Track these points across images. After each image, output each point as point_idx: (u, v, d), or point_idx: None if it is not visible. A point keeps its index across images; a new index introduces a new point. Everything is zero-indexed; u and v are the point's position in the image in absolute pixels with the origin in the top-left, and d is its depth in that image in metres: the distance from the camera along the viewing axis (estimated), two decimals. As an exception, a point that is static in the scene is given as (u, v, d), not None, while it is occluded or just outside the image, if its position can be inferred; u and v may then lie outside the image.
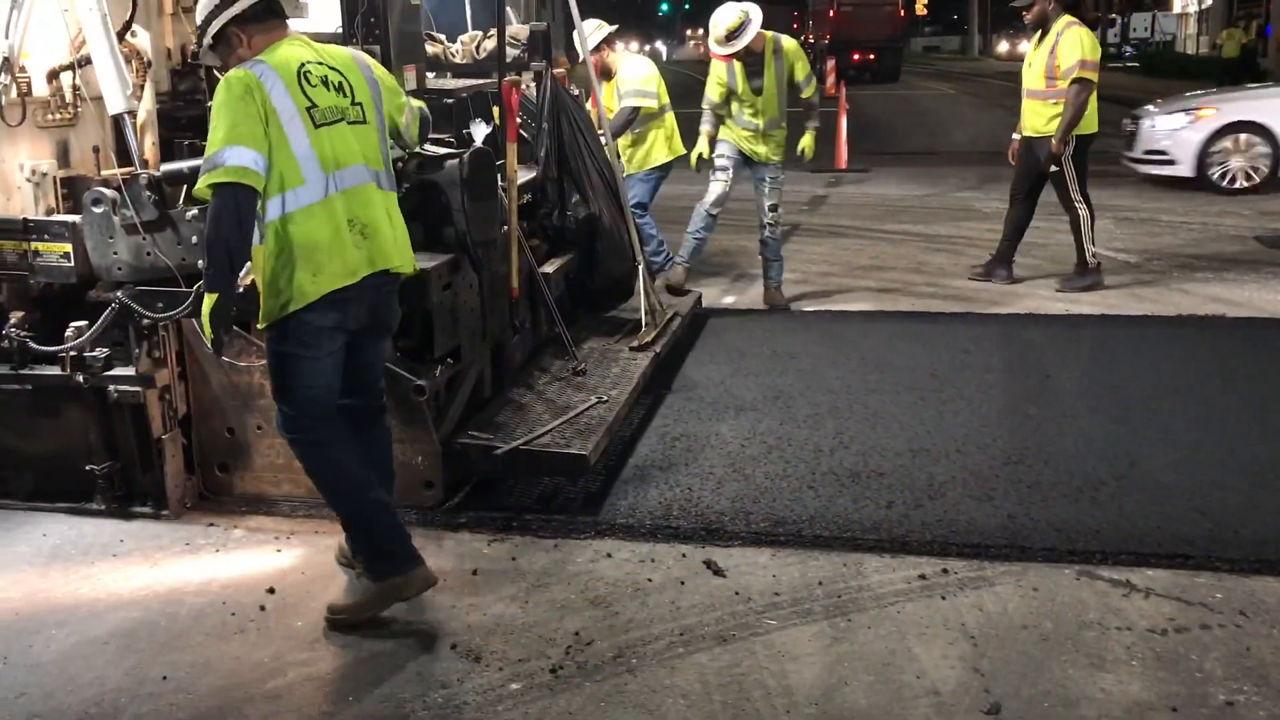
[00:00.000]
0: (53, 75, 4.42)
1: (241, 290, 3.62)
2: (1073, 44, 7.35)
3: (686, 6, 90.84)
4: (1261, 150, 11.53)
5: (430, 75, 5.92)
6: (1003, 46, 57.11)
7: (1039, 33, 7.62)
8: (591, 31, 7.40)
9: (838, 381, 5.79)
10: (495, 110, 5.71)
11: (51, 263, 4.23)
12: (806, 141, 7.40)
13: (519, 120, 5.79)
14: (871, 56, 35.95)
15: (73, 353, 4.22)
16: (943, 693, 3.15)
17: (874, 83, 33.67)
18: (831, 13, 37.06)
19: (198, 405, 4.44)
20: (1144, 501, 4.31)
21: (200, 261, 3.75)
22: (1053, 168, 7.57)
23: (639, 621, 3.54)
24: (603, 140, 6.11)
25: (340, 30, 4.85)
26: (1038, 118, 7.63)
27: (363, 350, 3.65)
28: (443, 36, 6.28)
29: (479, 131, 5.12)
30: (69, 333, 4.23)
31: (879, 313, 7.30)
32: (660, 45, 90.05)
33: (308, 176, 3.36)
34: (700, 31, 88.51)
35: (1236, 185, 11.55)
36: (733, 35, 6.96)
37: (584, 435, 4.54)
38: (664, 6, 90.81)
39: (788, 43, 7.22)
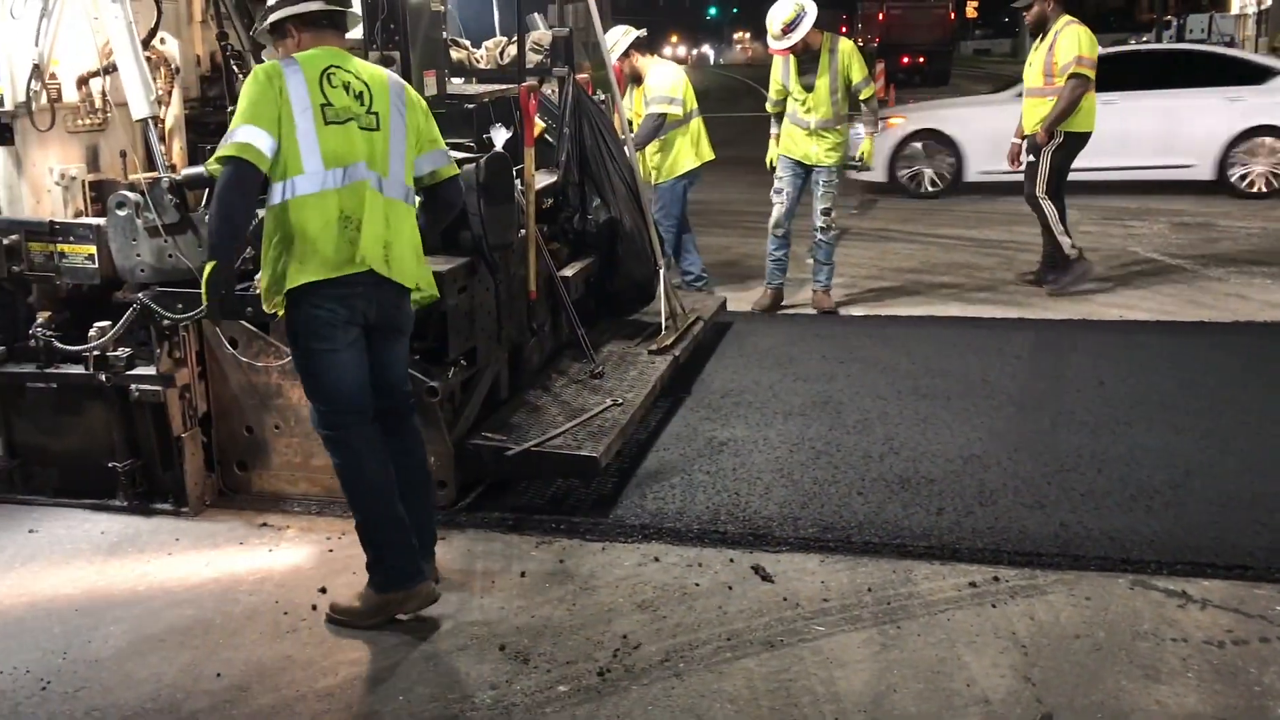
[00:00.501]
0: (82, 82, 4.53)
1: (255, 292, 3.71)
2: (1070, 41, 7.39)
3: (734, 11, 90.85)
4: (947, 159, 12.22)
5: (459, 81, 6.04)
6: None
7: (1041, 34, 7.66)
8: (619, 38, 7.45)
9: (887, 387, 5.75)
10: (517, 115, 5.76)
11: (77, 264, 4.34)
12: (866, 146, 7.36)
13: (546, 125, 5.85)
14: (921, 60, 35.67)
15: (96, 352, 4.33)
16: (993, 701, 3.12)
17: (923, 86, 33.42)
18: (881, 16, 36.84)
19: (217, 404, 4.53)
20: (1201, 511, 4.24)
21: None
22: (1030, 158, 7.61)
23: (686, 626, 3.54)
24: (626, 143, 6.15)
25: (362, 37, 4.92)
26: (1036, 116, 7.63)
27: (378, 351, 3.69)
28: (468, 43, 6.38)
29: (499, 136, 5.17)
30: (92, 333, 4.34)
31: (929, 318, 7.24)
32: (708, 49, 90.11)
33: (308, 167, 3.45)
34: (747, 35, 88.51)
35: (923, 191, 12.26)
36: (788, 29, 6.97)
37: (596, 437, 4.57)
38: (711, 10, 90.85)
39: (844, 44, 7.21)
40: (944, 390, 5.68)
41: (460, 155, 4.59)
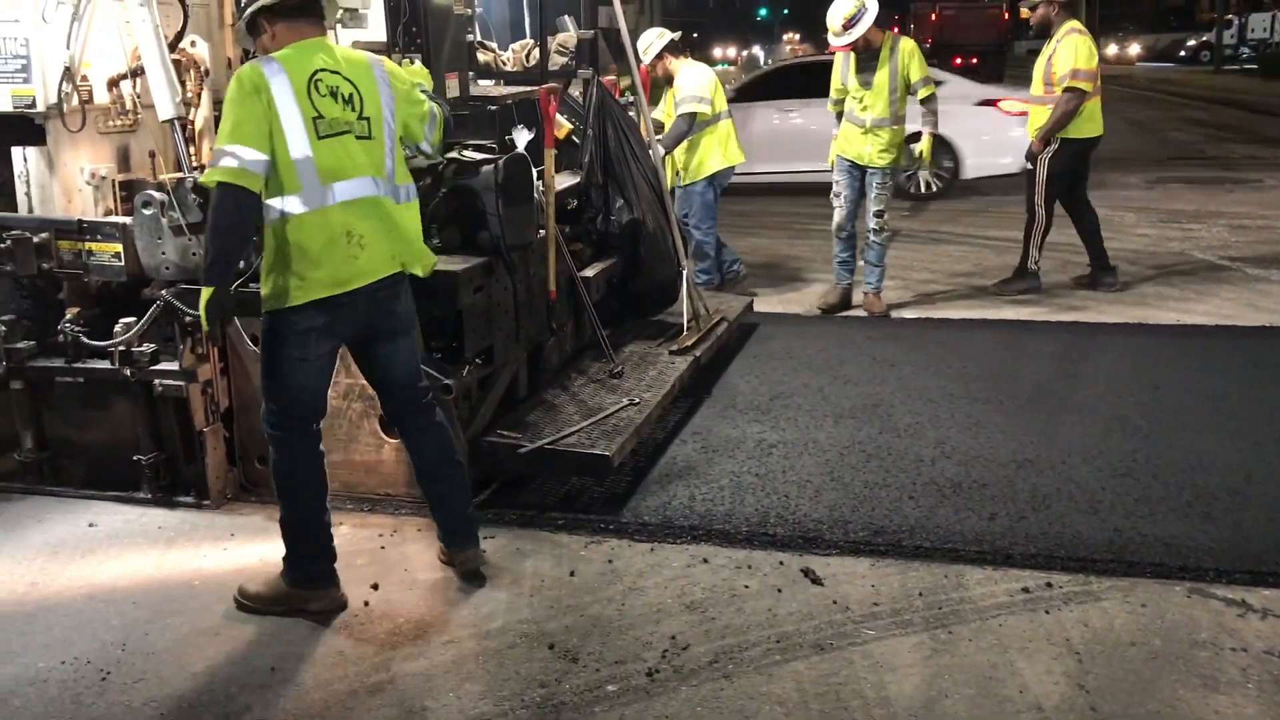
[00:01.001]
0: (113, 84, 4.62)
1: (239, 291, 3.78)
2: (1069, 52, 7.36)
3: (785, 11, 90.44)
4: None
5: (490, 83, 6.12)
6: (1110, 49, 55.62)
7: (1047, 38, 7.67)
8: (652, 40, 7.48)
9: (939, 390, 5.70)
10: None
11: (104, 262, 4.42)
12: (923, 146, 7.30)
13: (574, 126, 5.88)
14: (974, 60, 35.31)
15: (121, 348, 4.42)
16: (1046, 709, 3.08)
17: (976, 87, 33.08)
18: (934, 16, 36.51)
19: (239, 400, 4.60)
20: (1261, 518, 4.16)
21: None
22: (1028, 165, 7.64)
23: (735, 628, 3.54)
24: (650, 147, 6.18)
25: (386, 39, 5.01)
26: (1037, 123, 7.61)
27: (379, 353, 3.73)
28: (495, 45, 6.47)
29: (520, 138, 5.21)
30: (117, 328, 4.43)
31: (981, 321, 7.17)
32: (757, 50, 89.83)
33: (304, 184, 3.43)
34: (797, 36, 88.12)
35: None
36: (849, 24, 6.94)
37: (610, 436, 4.59)
38: (762, 11, 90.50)
39: (905, 43, 7.16)
40: (996, 394, 5.63)
41: (479, 156, 4.69)
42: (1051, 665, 3.28)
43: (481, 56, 6.20)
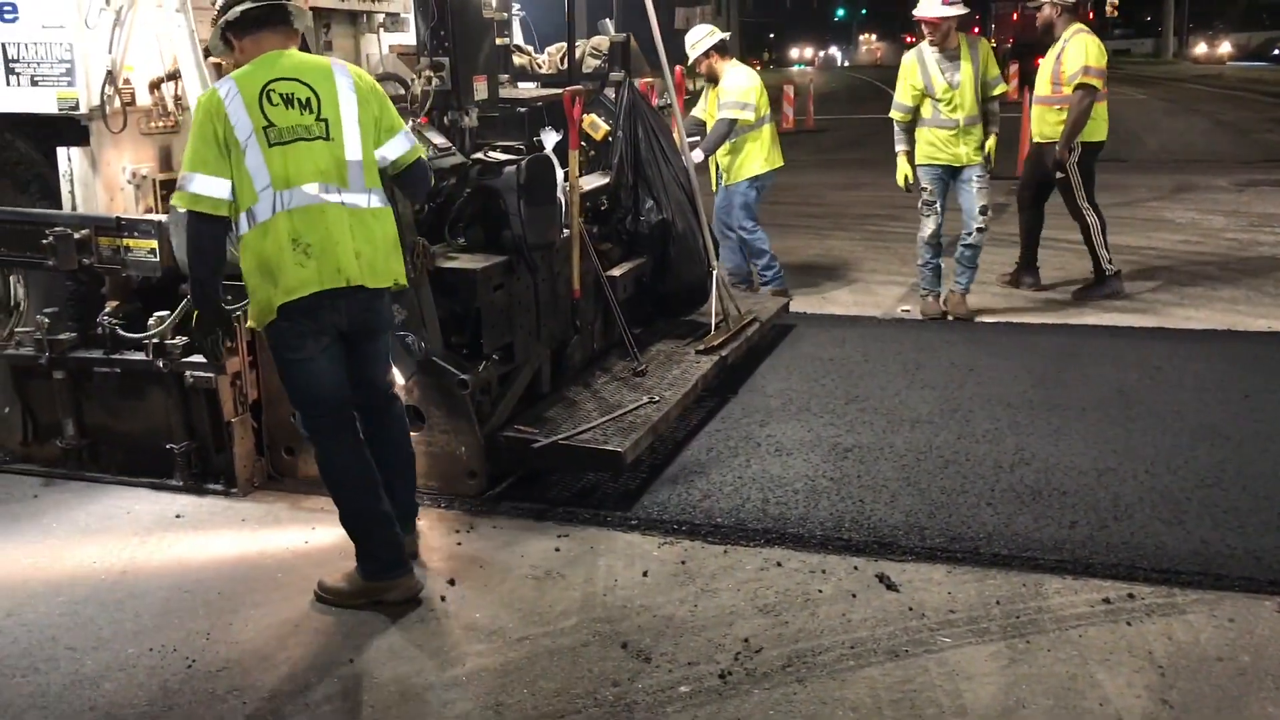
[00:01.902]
0: (154, 86, 4.77)
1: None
2: (1078, 51, 7.33)
3: (863, 12, 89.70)
4: None
5: (533, 85, 6.22)
6: (1200, 48, 54.26)
7: (1051, 41, 7.67)
8: (701, 37, 7.49)
9: (1018, 396, 5.62)
10: (588, 119, 6.00)
11: (140, 257, 4.58)
12: (990, 145, 7.20)
13: (611, 127, 5.97)
14: (1057, 60, 34.74)
15: (154, 340, 4.58)
16: (1128, 723, 3.02)
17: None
18: (1015, 16, 35.98)
19: (266, 391, 4.73)
20: (1355, 533, 4.04)
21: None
22: (1059, 174, 7.52)
23: (809, 632, 3.52)
24: (682, 148, 6.25)
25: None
26: (1044, 123, 7.57)
27: (361, 350, 3.82)
28: (530, 48, 6.64)
29: (548, 139, 5.29)
30: (151, 321, 4.60)
31: (1062, 325, 7.05)
32: (835, 50, 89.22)
33: (260, 195, 3.54)
34: (873, 36, 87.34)
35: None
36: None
37: (625, 433, 4.63)
38: (840, 12, 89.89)
39: (982, 42, 7.15)
40: (1078, 401, 5.52)
41: (503, 157, 4.82)
42: (1133, 678, 3.21)
43: (517, 59, 6.36)
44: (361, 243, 3.65)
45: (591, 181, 5.80)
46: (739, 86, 7.42)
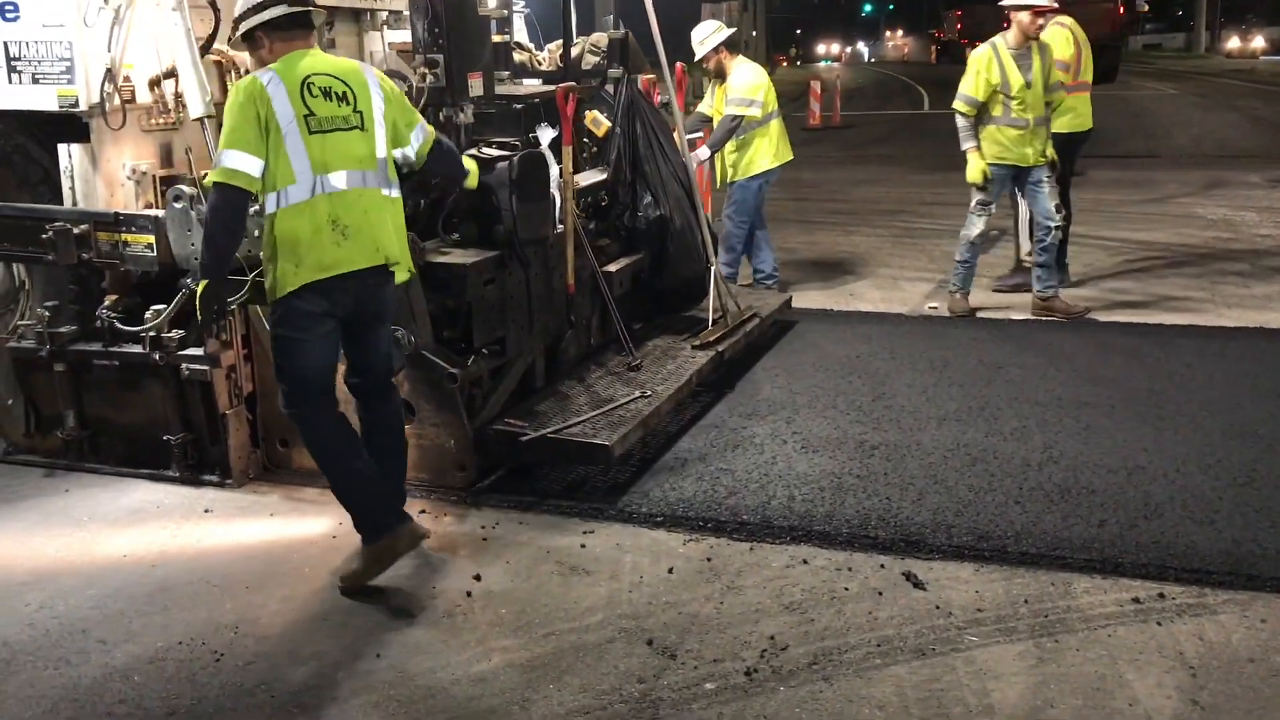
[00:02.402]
0: (154, 84, 4.82)
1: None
2: (1062, 45, 7.35)
3: (890, 7, 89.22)
4: None
5: (537, 82, 6.24)
6: (1232, 43, 53.63)
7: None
8: (710, 33, 7.47)
9: (1047, 394, 5.58)
10: (590, 115, 6.06)
11: (138, 252, 4.63)
12: (1049, 147, 7.12)
13: (612, 124, 6.03)
14: (1088, 56, 34.39)
15: (151, 333, 4.64)
16: (1158, 724, 3.00)
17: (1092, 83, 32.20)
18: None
19: (261, 384, 4.79)
20: (1390, 533, 3.99)
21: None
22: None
23: (835, 630, 3.51)
24: (681, 146, 6.26)
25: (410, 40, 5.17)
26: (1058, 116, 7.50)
27: (364, 336, 3.95)
28: (532, 45, 6.70)
29: (544, 135, 5.31)
30: (148, 315, 4.66)
31: (1091, 323, 6.99)
32: (861, 46, 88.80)
33: (299, 177, 3.70)
34: (899, 32, 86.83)
35: None
36: None
37: (614, 427, 4.67)
38: (867, 7, 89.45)
39: (1046, 36, 7.05)
40: (1107, 398, 5.48)
41: (496, 153, 4.89)
42: (1163, 679, 3.19)
43: (517, 56, 6.40)
44: (379, 225, 3.85)
45: (589, 177, 5.87)
46: (746, 83, 7.41)
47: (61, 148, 4.83)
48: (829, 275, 8.51)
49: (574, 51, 6.45)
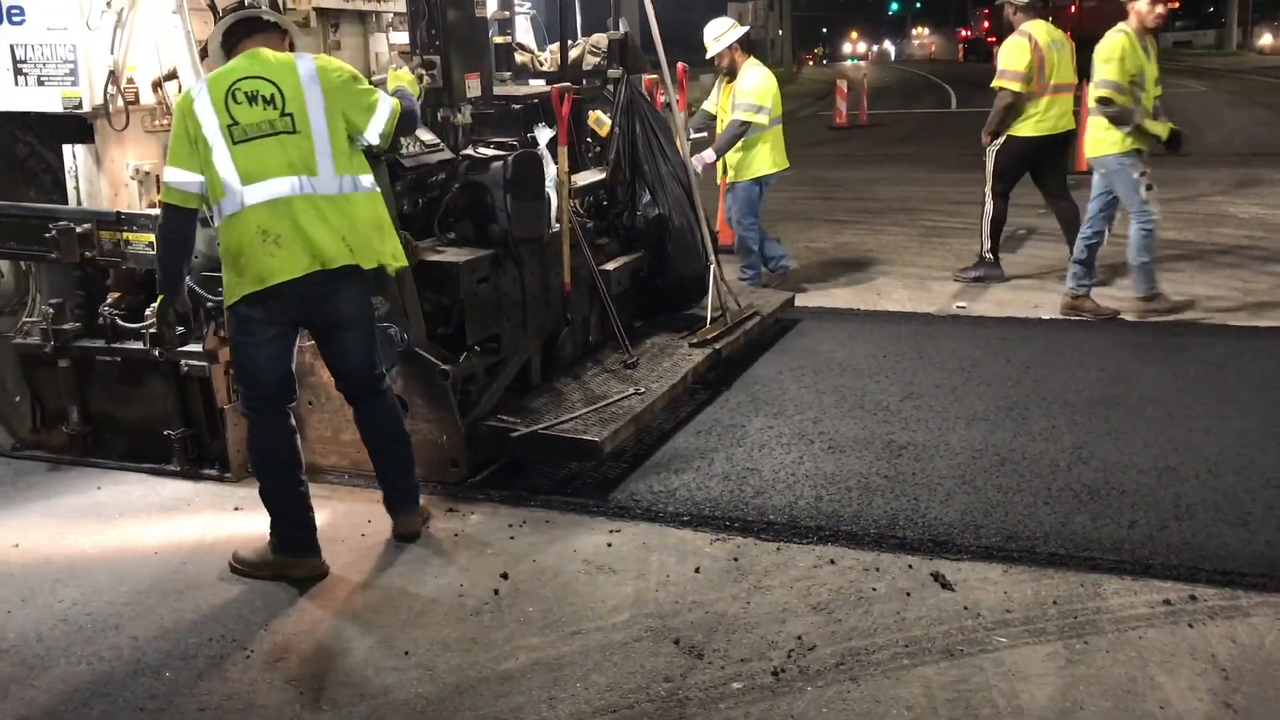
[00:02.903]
0: (157, 85, 4.87)
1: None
2: (1002, 51, 7.69)
3: (917, 5, 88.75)
4: None
5: (541, 83, 6.27)
6: (1265, 39, 53.04)
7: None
8: (725, 30, 7.48)
9: (1076, 394, 5.54)
10: (594, 115, 6.12)
11: (139, 250, 4.72)
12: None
13: (614, 124, 6.08)
14: (1116, 54, 34.17)
15: (151, 330, 4.70)
16: (1189, 726, 2.97)
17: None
18: (1073, 8, 35.47)
19: None
20: None
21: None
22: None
23: (862, 630, 3.50)
24: (682, 146, 6.29)
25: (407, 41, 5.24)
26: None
27: (327, 344, 4.03)
28: (533, 46, 6.75)
29: (542, 135, 5.34)
30: (148, 312, 4.71)
31: (1122, 322, 6.94)
32: (888, 44, 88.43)
33: (227, 189, 3.76)
34: (926, 30, 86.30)
35: None
36: None
37: (605, 423, 4.69)
38: (894, 5, 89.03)
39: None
40: (1137, 399, 5.44)
41: (491, 153, 4.95)
42: (1195, 681, 3.16)
43: (519, 57, 6.43)
44: (345, 226, 3.82)
45: (587, 177, 5.89)
46: (755, 87, 7.44)
47: (66, 148, 4.90)
48: (856, 274, 8.48)
49: (575, 52, 6.46)
